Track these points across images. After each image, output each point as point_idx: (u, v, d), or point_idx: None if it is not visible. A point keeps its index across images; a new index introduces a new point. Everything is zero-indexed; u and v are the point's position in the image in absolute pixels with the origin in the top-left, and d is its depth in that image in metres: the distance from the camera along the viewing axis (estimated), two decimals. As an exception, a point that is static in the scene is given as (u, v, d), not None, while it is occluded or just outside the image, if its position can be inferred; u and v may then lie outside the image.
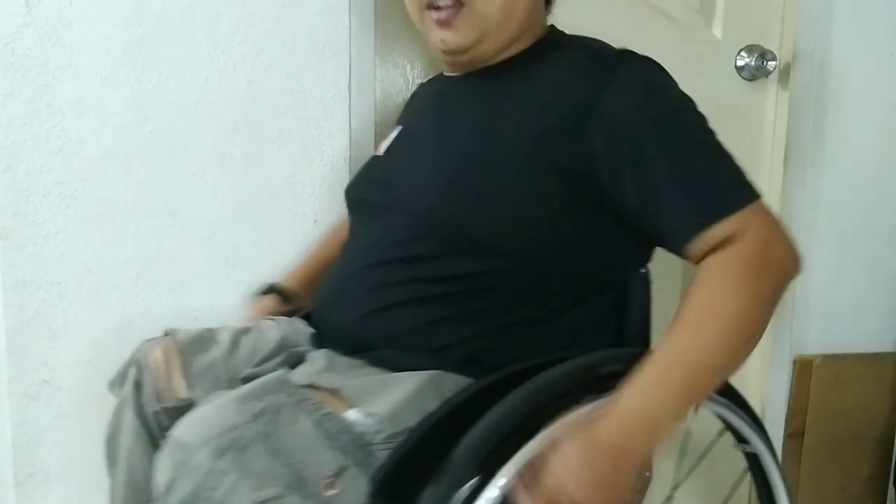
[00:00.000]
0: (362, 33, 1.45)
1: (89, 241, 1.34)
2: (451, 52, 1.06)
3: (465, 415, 0.82)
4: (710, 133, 0.95)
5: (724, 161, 0.93)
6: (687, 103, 0.97)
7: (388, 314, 0.97)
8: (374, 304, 0.98)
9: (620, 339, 1.05)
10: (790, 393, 1.73)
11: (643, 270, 1.06)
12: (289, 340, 1.07)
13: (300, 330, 1.09)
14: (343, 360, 0.96)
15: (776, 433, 1.73)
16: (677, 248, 0.91)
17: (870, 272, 1.74)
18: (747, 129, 1.68)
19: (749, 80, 1.66)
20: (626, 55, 0.99)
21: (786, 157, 1.66)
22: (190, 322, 1.25)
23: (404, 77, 1.57)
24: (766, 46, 1.65)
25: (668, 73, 0.99)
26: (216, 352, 1.03)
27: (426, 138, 1.08)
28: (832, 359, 1.73)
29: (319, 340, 1.05)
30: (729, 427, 0.99)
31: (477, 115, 1.03)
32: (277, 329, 1.09)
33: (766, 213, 0.91)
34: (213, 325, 1.14)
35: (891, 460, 1.75)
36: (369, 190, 1.12)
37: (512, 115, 0.98)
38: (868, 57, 1.67)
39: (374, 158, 1.18)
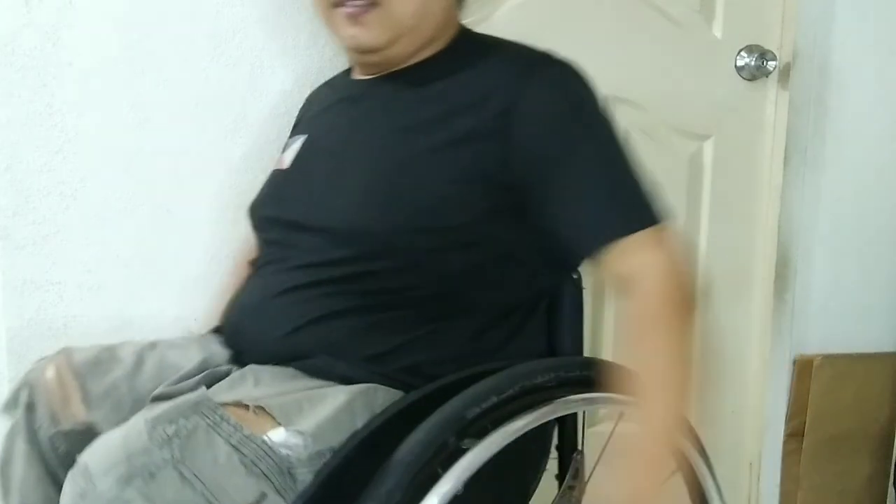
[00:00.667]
0: (362, 33, 1.44)
1: (89, 241, 1.34)
2: (362, 51, 1.01)
3: (395, 430, 0.79)
4: (625, 145, 0.95)
5: (637, 175, 0.93)
6: (605, 112, 0.96)
7: (320, 325, 0.93)
8: (304, 317, 0.93)
9: (552, 348, 1.04)
10: (790, 393, 1.73)
11: (575, 276, 1.05)
12: (209, 361, 1.00)
13: (216, 350, 1.03)
14: (269, 372, 0.91)
15: (776, 433, 1.74)
16: (585, 254, 0.92)
17: (870, 272, 1.74)
18: (747, 129, 1.68)
19: (749, 80, 1.66)
20: (546, 59, 0.96)
21: (786, 157, 1.66)
22: (191, 322, 1.25)
23: (404, 77, 1.57)
24: (766, 46, 1.65)
25: (587, 77, 0.97)
26: (118, 371, 0.96)
27: (342, 148, 1.02)
28: (832, 359, 1.73)
29: (238, 361, 0.99)
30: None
31: (395, 121, 0.99)
32: (198, 348, 1.02)
33: (668, 236, 0.92)
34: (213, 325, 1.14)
35: (891, 460, 1.75)
36: (283, 206, 1.05)
37: (432, 122, 0.95)
38: (868, 57, 1.67)
39: (279, 172, 1.11)
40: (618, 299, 0.93)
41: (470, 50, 1.01)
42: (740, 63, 1.65)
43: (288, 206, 1.03)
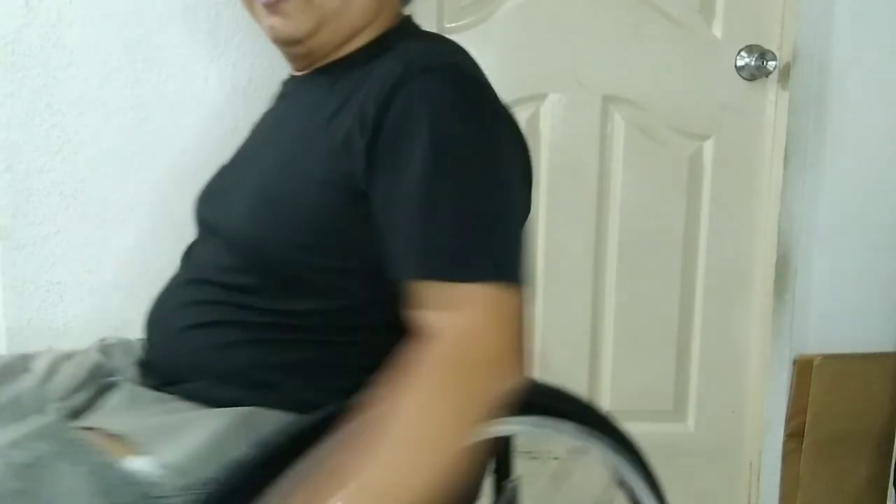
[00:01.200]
0: (362, 33, 1.45)
1: (89, 241, 1.34)
2: (284, 43, 0.93)
3: (290, 456, 0.71)
4: (498, 185, 0.79)
5: (499, 222, 0.77)
6: (487, 141, 0.80)
7: (199, 333, 0.85)
8: (186, 322, 0.86)
9: None
10: (790, 393, 1.72)
11: None
12: (103, 368, 0.93)
13: (131, 351, 0.96)
14: (148, 396, 0.85)
15: (776, 433, 1.74)
16: (398, 279, 0.78)
17: (870, 272, 1.74)
18: (747, 129, 1.68)
19: (749, 80, 1.66)
20: (432, 66, 0.82)
21: (786, 157, 1.66)
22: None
23: (404, 77, 1.57)
24: (766, 46, 1.65)
25: (480, 94, 0.83)
26: (27, 381, 0.89)
27: (258, 148, 0.97)
28: (832, 359, 1.73)
29: (146, 364, 0.93)
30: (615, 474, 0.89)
31: (299, 125, 0.91)
32: (98, 353, 0.96)
33: (497, 303, 0.73)
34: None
35: (891, 460, 1.75)
36: (204, 204, 1.00)
37: (320, 129, 0.86)
38: (868, 57, 1.67)
39: (221, 167, 1.05)
40: (411, 333, 0.76)
41: (388, 46, 0.90)
42: (740, 63, 1.65)
43: (207, 205, 0.99)
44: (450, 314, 0.72)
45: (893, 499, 1.74)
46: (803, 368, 1.72)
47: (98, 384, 0.90)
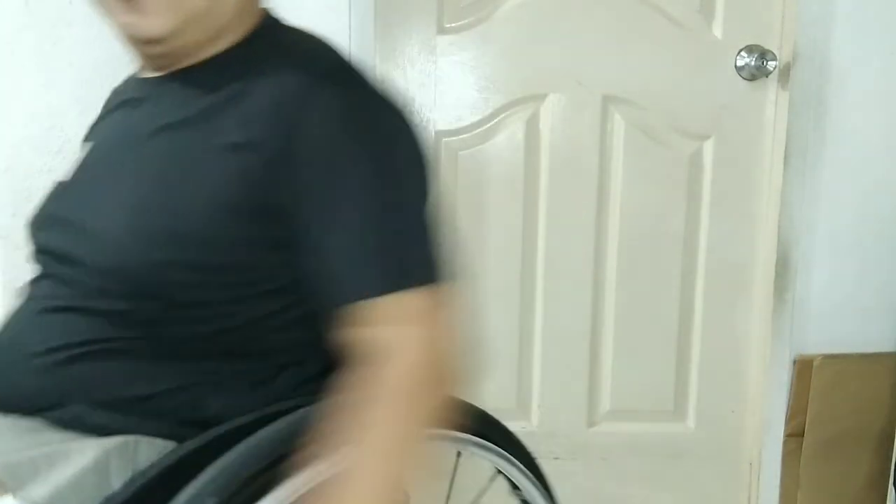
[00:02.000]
0: (362, 33, 1.45)
1: (89, 241, 1.34)
2: (141, 42, 0.84)
3: (165, 488, 0.70)
4: (417, 189, 0.81)
5: (421, 229, 0.80)
6: (396, 148, 0.81)
7: (77, 365, 0.80)
8: (59, 355, 0.80)
9: None
10: (790, 393, 1.73)
11: None
12: None
13: None
14: (10, 425, 0.79)
15: (776, 433, 1.74)
16: (334, 305, 0.78)
17: (870, 272, 1.74)
18: (747, 129, 1.69)
19: (749, 80, 1.66)
20: (346, 74, 0.83)
21: (786, 157, 1.66)
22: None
23: (404, 77, 1.57)
24: (766, 46, 1.65)
25: (387, 103, 0.83)
26: None
27: (115, 162, 0.87)
28: (832, 359, 1.73)
29: None
30: (503, 475, 0.90)
31: (173, 135, 0.83)
32: None
33: (440, 303, 0.78)
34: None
35: (891, 460, 1.75)
36: (49, 227, 0.90)
37: (208, 139, 0.80)
38: (868, 57, 1.67)
39: (59, 185, 0.94)
40: (354, 361, 0.77)
41: (268, 47, 0.86)
42: (740, 63, 1.65)
43: (53, 228, 0.89)
44: (395, 332, 0.75)
45: (893, 499, 1.74)
46: (803, 368, 1.72)
47: None
